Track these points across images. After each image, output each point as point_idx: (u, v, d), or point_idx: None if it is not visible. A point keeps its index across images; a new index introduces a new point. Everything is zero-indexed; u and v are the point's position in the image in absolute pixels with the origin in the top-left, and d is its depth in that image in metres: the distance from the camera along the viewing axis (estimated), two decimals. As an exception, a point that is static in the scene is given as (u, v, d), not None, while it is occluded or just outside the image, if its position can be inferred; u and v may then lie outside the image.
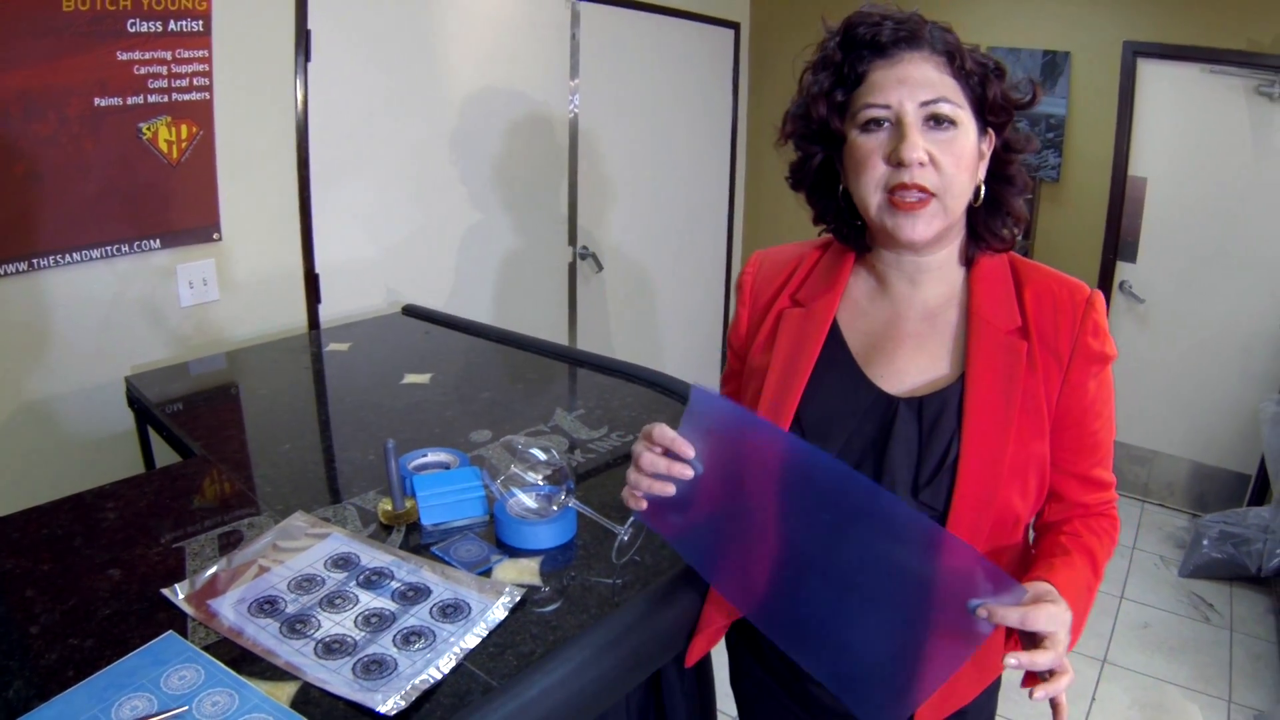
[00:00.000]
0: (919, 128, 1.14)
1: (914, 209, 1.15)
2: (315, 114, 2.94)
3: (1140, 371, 4.51)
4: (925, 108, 1.14)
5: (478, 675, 1.21)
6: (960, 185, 1.16)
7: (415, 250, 3.42)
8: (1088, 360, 1.18)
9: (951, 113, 1.14)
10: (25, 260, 2.29)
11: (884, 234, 1.22)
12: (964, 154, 1.15)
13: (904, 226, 1.16)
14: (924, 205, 1.15)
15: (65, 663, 1.21)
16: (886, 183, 1.16)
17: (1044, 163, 4.42)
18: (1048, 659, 0.98)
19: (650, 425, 1.20)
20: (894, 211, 1.16)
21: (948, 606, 1.03)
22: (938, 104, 1.13)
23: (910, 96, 1.14)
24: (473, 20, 3.47)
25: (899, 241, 1.20)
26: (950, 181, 1.15)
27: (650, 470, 1.18)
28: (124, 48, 2.38)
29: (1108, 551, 1.23)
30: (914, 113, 1.13)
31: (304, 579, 1.42)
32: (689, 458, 1.16)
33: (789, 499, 1.16)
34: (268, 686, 1.17)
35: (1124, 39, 4.14)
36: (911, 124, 1.13)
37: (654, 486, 1.18)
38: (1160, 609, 3.67)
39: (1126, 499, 4.66)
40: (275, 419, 2.21)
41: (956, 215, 1.19)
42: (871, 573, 1.09)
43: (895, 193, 1.15)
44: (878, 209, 1.18)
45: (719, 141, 5.05)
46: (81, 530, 1.57)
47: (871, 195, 1.18)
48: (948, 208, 1.16)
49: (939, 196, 1.15)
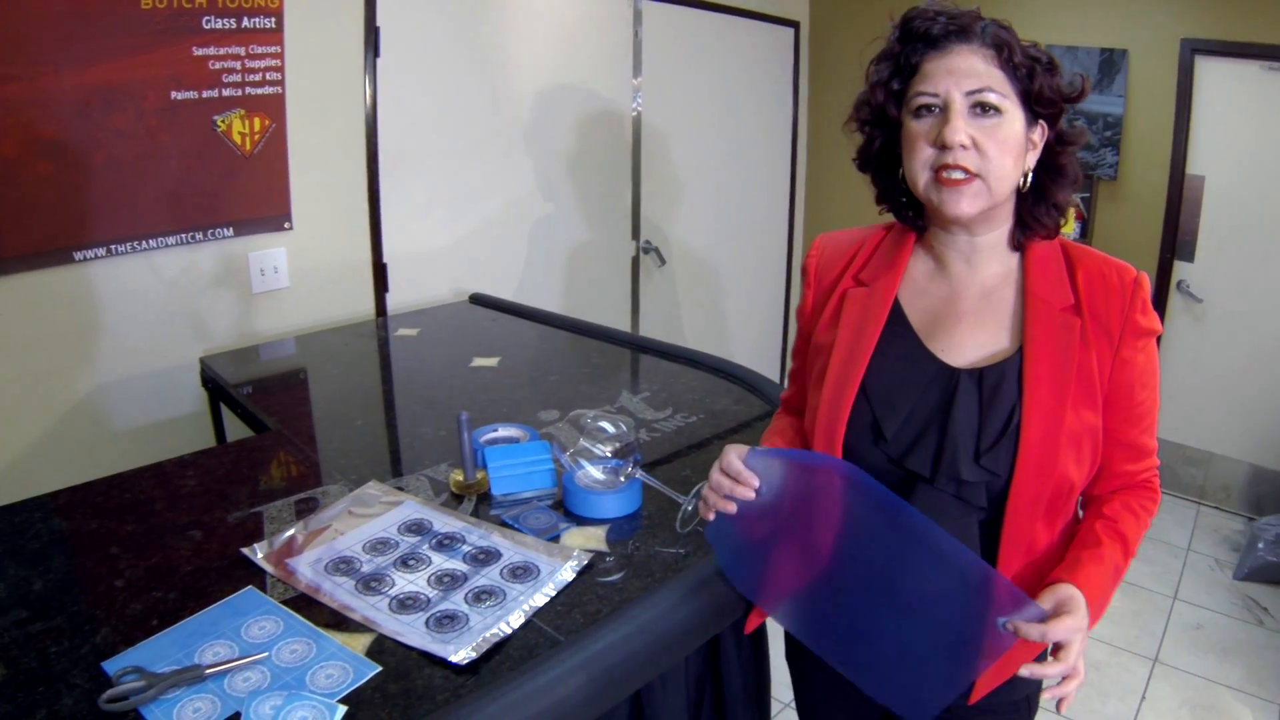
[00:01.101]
0: (964, 114, 1.20)
1: (958, 185, 1.21)
2: (384, 108, 2.99)
3: (1197, 372, 4.41)
4: (970, 96, 1.20)
5: (546, 630, 1.24)
6: (1003, 169, 1.21)
7: (481, 242, 3.46)
8: (1136, 335, 1.23)
9: (996, 101, 1.20)
10: (104, 246, 2.35)
11: (933, 210, 1.27)
12: (1007, 140, 1.21)
13: (949, 201, 1.22)
14: (967, 183, 1.20)
15: (149, 613, 1.25)
16: (933, 163, 1.22)
17: (1101, 161, 4.33)
18: (1058, 670, 1.10)
19: (728, 451, 1.28)
20: (939, 188, 1.22)
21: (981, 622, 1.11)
22: (982, 93, 1.19)
23: (957, 85, 1.20)
24: (537, 18, 3.51)
25: (945, 216, 1.25)
26: (992, 164, 1.20)
27: (716, 489, 1.27)
28: (199, 44, 2.44)
29: (1144, 525, 1.31)
30: (960, 100, 1.20)
31: (378, 541, 1.45)
32: (754, 486, 1.25)
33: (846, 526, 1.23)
34: (343, 637, 1.20)
35: (1182, 36, 4.05)
36: (957, 110, 1.19)
37: (719, 504, 1.27)
38: (1213, 611, 3.58)
39: (1182, 500, 4.55)
40: (346, 398, 2.26)
41: (1001, 196, 1.24)
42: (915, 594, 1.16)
43: (940, 171, 1.21)
44: (925, 186, 1.24)
45: (779, 138, 5.04)
46: (163, 495, 1.63)
47: (920, 174, 1.24)
48: (991, 188, 1.21)
49: (981, 177, 1.20)
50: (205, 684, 1.10)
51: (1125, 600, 3.62)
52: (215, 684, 1.10)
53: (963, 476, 1.22)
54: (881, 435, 1.27)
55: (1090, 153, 4.32)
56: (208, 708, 1.06)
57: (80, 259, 2.32)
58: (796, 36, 4.97)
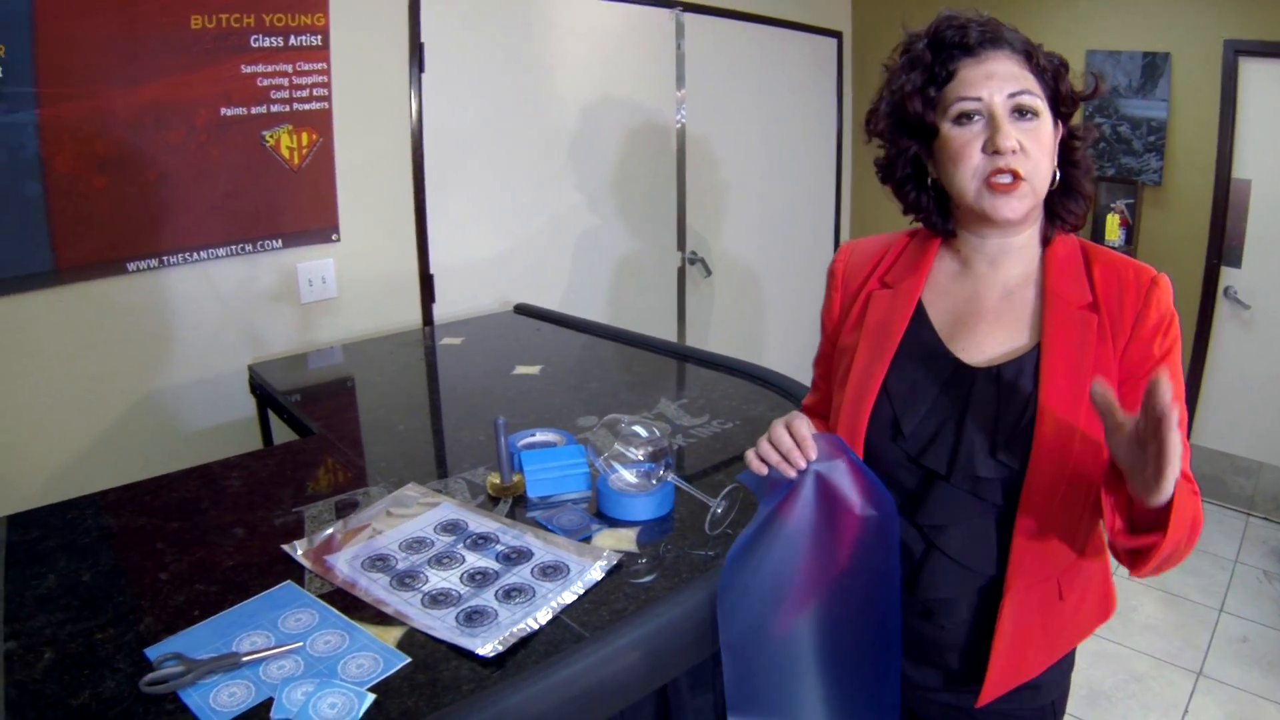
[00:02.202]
0: (1009, 118, 1.23)
1: (1009, 190, 1.23)
2: (429, 123, 3.05)
3: (1245, 379, 4.32)
4: (1012, 99, 1.23)
5: (571, 627, 1.26)
6: (1045, 169, 1.26)
7: (527, 254, 3.51)
8: (1150, 333, 1.24)
9: (1034, 104, 1.24)
10: (156, 258, 2.43)
11: (978, 217, 1.30)
12: (1046, 140, 1.25)
13: (1001, 207, 1.25)
14: (1016, 187, 1.23)
15: (191, 604, 1.30)
16: (984, 170, 1.25)
17: (1146, 166, 4.28)
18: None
19: (795, 418, 1.29)
20: (992, 194, 1.24)
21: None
22: (1022, 95, 1.23)
23: (999, 90, 1.23)
24: (579, 32, 3.56)
25: (995, 221, 1.28)
26: (1037, 165, 1.24)
27: (778, 443, 1.27)
28: (248, 61, 2.52)
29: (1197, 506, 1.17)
30: (1002, 104, 1.23)
31: (414, 541, 1.49)
32: (811, 459, 1.25)
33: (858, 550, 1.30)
34: (376, 630, 1.24)
35: (1225, 37, 3.98)
36: (1002, 115, 1.23)
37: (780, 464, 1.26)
38: (1261, 624, 3.50)
39: (1230, 511, 4.46)
40: (390, 403, 2.31)
41: (1042, 195, 1.28)
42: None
43: (992, 177, 1.24)
44: (976, 194, 1.26)
45: (824, 149, 5.05)
46: (208, 495, 1.68)
47: (969, 183, 1.26)
48: (1035, 189, 1.25)
49: (1028, 179, 1.23)
50: (241, 670, 1.14)
51: (1169, 611, 3.58)
52: (251, 671, 1.14)
53: (979, 473, 1.24)
54: (900, 433, 1.30)
55: (1134, 158, 4.28)
56: (242, 693, 1.10)
57: (134, 269, 2.40)
58: (840, 47, 4.98)
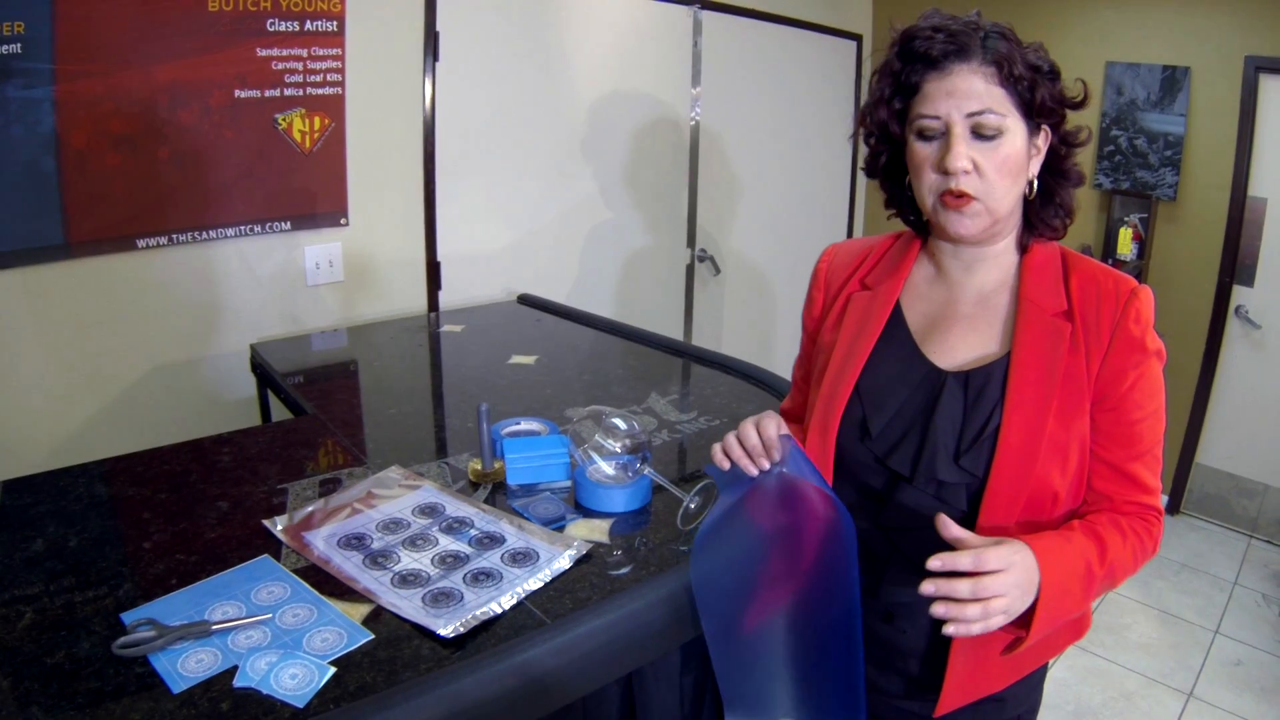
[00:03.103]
0: (965, 138, 1.22)
1: (960, 206, 1.24)
2: (442, 111, 3.09)
3: (1254, 400, 4.32)
4: (971, 118, 1.21)
5: (535, 613, 1.30)
6: (1002, 189, 1.23)
7: (536, 246, 3.55)
8: (1128, 346, 1.22)
9: (996, 123, 1.21)
10: (165, 235, 2.49)
11: (938, 228, 1.31)
12: (1008, 160, 1.22)
13: (952, 223, 1.26)
14: (968, 204, 1.23)
15: (170, 573, 1.35)
16: (938, 188, 1.25)
17: (1161, 181, 4.27)
18: (966, 586, 1.06)
19: (766, 418, 1.31)
20: (946, 211, 1.26)
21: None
22: (983, 115, 1.20)
23: (957, 108, 1.21)
24: (597, 26, 3.59)
25: (950, 237, 1.30)
26: (991, 186, 1.22)
27: (744, 441, 1.30)
28: (263, 45, 2.57)
29: (1130, 546, 1.23)
30: (961, 123, 1.21)
31: (391, 521, 1.54)
32: (775, 460, 1.28)
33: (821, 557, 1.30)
34: (345, 606, 1.28)
35: (1246, 53, 3.98)
36: (958, 135, 1.21)
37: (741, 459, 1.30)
38: (1256, 648, 3.50)
39: (1232, 532, 4.47)
40: (386, 387, 2.37)
41: (1001, 214, 1.26)
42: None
43: (945, 196, 1.24)
44: (932, 208, 1.28)
45: (839, 152, 5.06)
46: (198, 469, 1.74)
47: (926, 197, 1.28)
48: (990, 209, 1.24)
49: (981, 200, 1.23)
50: (210, 639, 1.19)
51: (1163, 630, 3.58)
52: (220, 639, 1.19)
53: (940, 477, 1.25)
54: (869, 433, 1.32)
55: (1150, 172, 4.28)
56: (209, 659, 1.14)
57: (143, 246, 2.45)
58: (859, 50, 4.98)
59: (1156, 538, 1.27)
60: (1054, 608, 1.12)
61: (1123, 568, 1.22)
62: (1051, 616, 1.13)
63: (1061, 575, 1.13)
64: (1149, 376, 1.23)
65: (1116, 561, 1.21)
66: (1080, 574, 1.17)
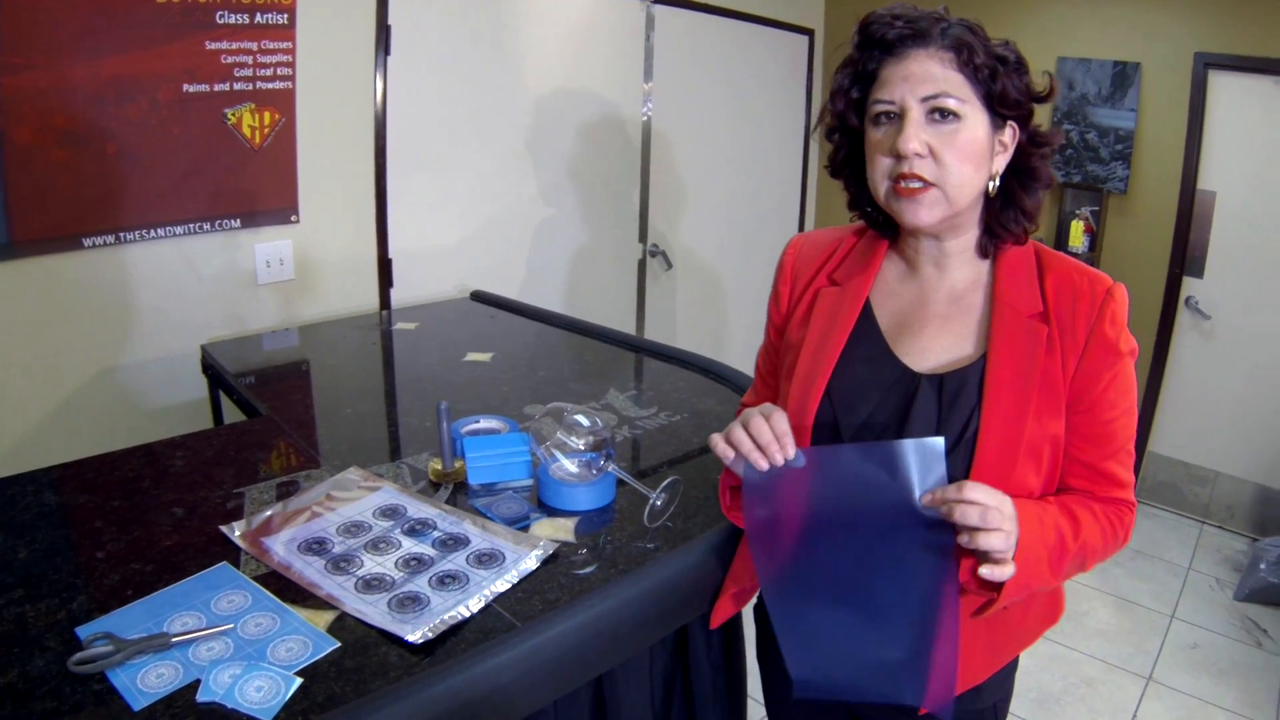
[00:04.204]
0: (921, 122, 1.19)
1: (914, 194, 1.20)
2: (393, 106, 3.05)
3: (1204, 389, 4.41)
4: (927, 102, 1.19)
5: (504, 616, 1.28)
6: (962, 175, 1.20)
7: (488, 241, 3.52)
8: (1104, 349, 1.21)
9: (954, 106, 1.18)
10: (113, 233, 2.43)
11: (895, 218, 1.27)
12: (967, 146, 1.19)
13: (906, 211, 1.22)
14: (924, 192, 1.20)
15: (126, 584, 1.31)
16: (890, 173, 1.22)
17: (1112, 174, 4.35)
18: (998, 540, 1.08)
19: (777, 414, 1.24)
20: (898, 198, 1.22)
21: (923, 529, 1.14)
22: (939, 98, 1.18)
23: (912, 92, 1.19)
24: (549, 20, 3.56)
25: (905, 226, 1.26)
26: (950, 172, 1.19)
27: (757, 436, 1.22)
28: (212, 38, 2.51)
29: (1103, 535, 1.24)
30: (916, 107, 1.19)
31: (352, 525, 1.51)
32: (789, 456, 1.21)
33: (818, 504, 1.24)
34: (308, 613, 1.26)
35: (1195, 50, 4.06)
36: (912, 118, 1.18)
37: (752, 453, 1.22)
38: (1211, 631, 3.58)
39: (1185, 519, 4.57)
40: (340, 387, 2.33)
41: (961, 204, 1.23)
42: (874, 530, 1.19)
43: (899, 181, 1.21)
44: (885, 196, 1.25)
45: (791, 147, 5.08)
46: (151, 474, 1.69)
47: (879, 184, 1.25)
48: (949, 196, 1.21)
49: (939, 185, 1.20)
50: (170, 652, 1.15)
51: (1121, 617, 3.64)
52: (180, 652, 1.16)
53: None
54: (840, 437, 1.28)
55: (1101, 166, 4.35)
56: (170, 674, 1.11)
57: (90, 245, 2.39)
58: (811, 45, 5.01)
59: (1128, 527, 1.28)
60: (1026, 573, 1.13)
61: (1093, 550, 1.23)
62: (1024, 578, 1.13)
63: (1035, 539, 1.14)
64: (1122, 376, 1.23)
65: (1089, 540, 1.21)
66: (1053, 543, 1.17)
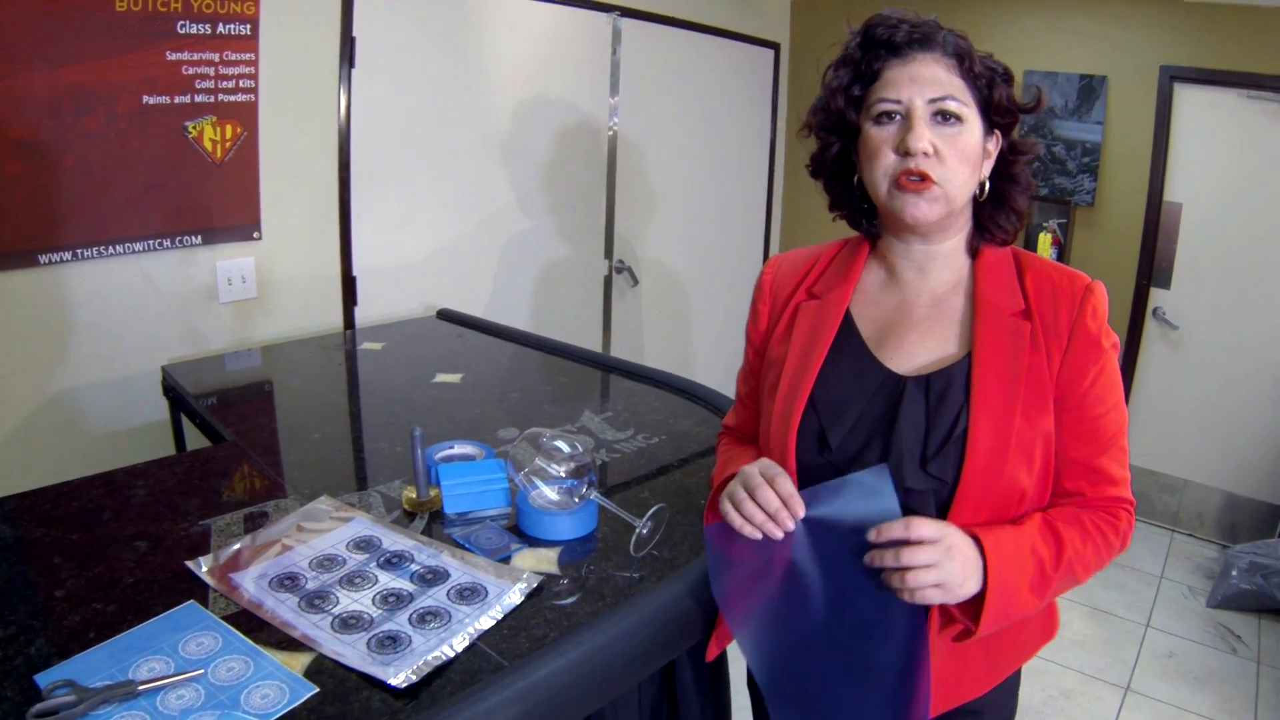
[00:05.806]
0: (926, 121, 1.22)
1: (918, 189, 1.22)
2: (357, 120, 2.99)
3: (1172, 399, 4.45)
4: (933, 104, 1.22)
5: (490, 655, 1.23)
6: (961, 176, 1.23)
7: (452, 258, 3.46)
8: (1088, 343, 1.22)
9: (957, 109, 1.22)
10: (70, 250, 2.34)
11: (892, 217, 1.29)
12: (967, 148, 1.23)
13: (909, 207, 1.23)
14: (927, 188, 1.22)
15: (87, 625, 1.24)
16: (894, 170, 1.24)
17: (1079, 187, 4.38)
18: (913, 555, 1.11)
19: (775, 471, 1.25)
20: (901, 193, 1.24)
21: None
22: (945, 101, 1.22)
23: (920, 93, 1.22)
24: (515, 34, 3.51)
25: (904, 222, 1.26)
26: (952, 172, 1.22)
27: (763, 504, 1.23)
28: (173, 48, 2.44)
29: (1094, 549, 1.24)
30: (922, 108, 1.22)
31: (325, 558, 1.44)
32: (799, 516, 1.22)
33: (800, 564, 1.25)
34: (283, 656, 1.19)
35: (1161, 63, 4.11)
36: (919, 118, 1.22)
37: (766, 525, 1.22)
38: (1186, 639, 3.60)
39: (1156, 528, 4.60)
40: (306, 410, 2.25)
41: (958, 204, 1.26)
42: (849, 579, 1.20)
43: (902, 177, 1.23)
44: (886, 193, 1.26)
45: (757, 160, 5.07)
46: (111, 505, 1.61)
47: (881, 181, 1.26)
48: (949, 195, 1.23)
49: (940, 184, 1.22)
50: (137, 700, 1.08)
51: (1096, 627, 3.66)
52: (148, 701, 1.08)
53: (908, 485, 1.22)
54: (827, 445, 1.28)
55: (1068, 178, 4.38)
56: (138, 725, 1.05)
57: (46, 262, 2.31)
58: (777, 58, 5.01)
59: (1124, 532, 1.28)
60: (1002, 602, 1.14)
61: (1084, 565, 1.23)
62: (1000, 608, 1.15)
63: (1010, 571, 1.15)
64: (1108, 371, 1.24)
65: (1076, 559, 1.21)
66: (1030, 572, 1.18)
